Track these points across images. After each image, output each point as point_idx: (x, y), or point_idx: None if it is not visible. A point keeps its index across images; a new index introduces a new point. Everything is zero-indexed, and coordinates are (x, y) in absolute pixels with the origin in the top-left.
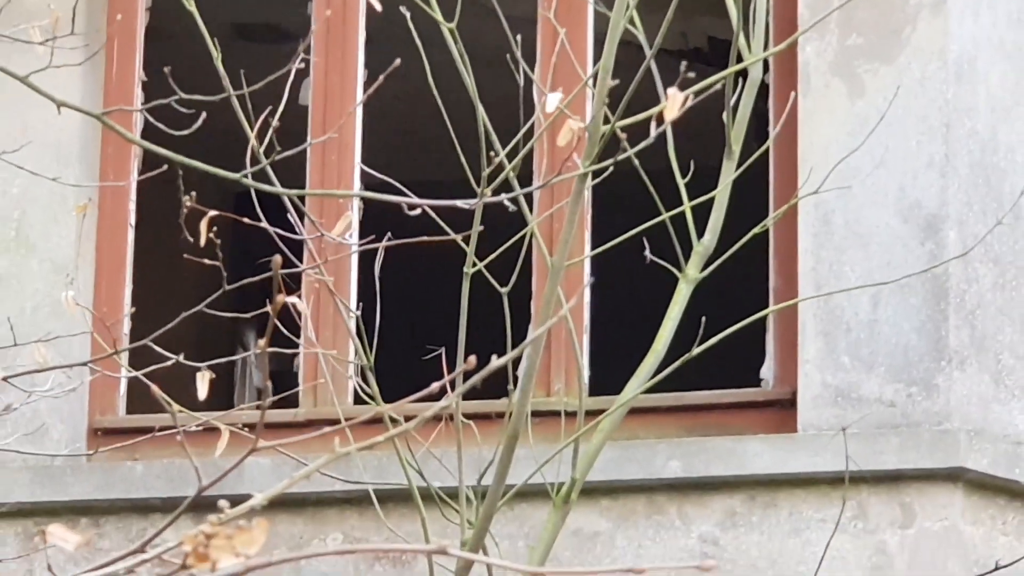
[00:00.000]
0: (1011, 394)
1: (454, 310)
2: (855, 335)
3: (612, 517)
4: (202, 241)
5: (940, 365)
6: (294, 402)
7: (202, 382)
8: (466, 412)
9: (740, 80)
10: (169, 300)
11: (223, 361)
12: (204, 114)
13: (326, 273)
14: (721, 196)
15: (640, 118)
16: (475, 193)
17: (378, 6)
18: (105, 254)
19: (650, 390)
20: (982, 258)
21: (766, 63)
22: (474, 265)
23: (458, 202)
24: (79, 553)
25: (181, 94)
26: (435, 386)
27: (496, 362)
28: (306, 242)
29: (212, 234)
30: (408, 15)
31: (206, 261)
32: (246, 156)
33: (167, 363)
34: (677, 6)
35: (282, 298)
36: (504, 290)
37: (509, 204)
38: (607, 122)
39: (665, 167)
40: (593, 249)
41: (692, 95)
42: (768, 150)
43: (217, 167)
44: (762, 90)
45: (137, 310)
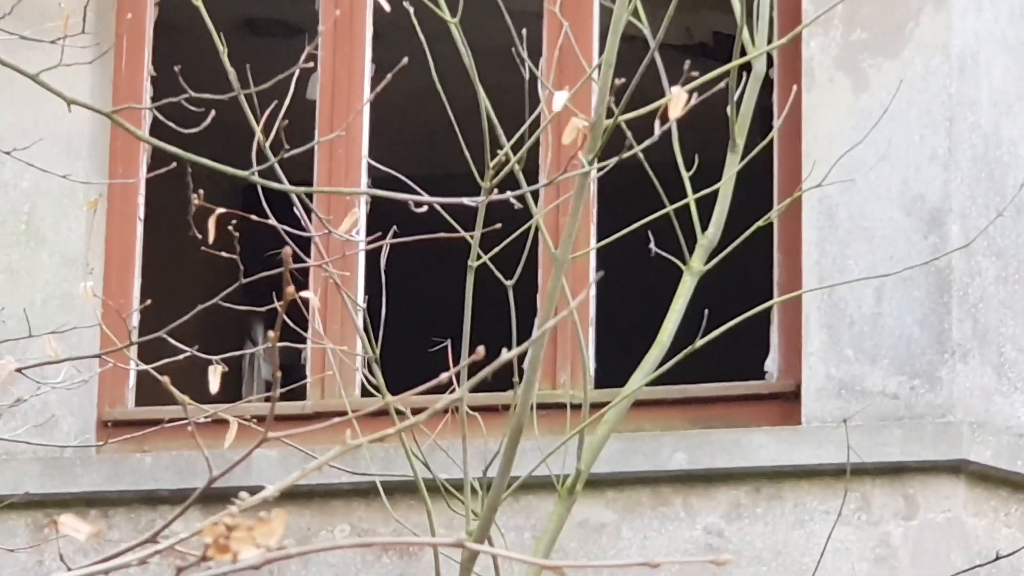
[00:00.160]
0: (1013, 386)
1: (460, 303)
2: (859, 328)
3: (618, 508)
4: (210, 239)
5: (943, 358)
6: (301, 395)
7: (214, 375)
8: (472, 404)
9: (744, 74)
10: (175, 294)
11: (234, 355)
12: (213, 112)
13: (333, 268)
14: (725, 189)
15: (642, 112)
16: (481, 187)
17: (387, 6)
18: (114, 248)
19: (655, 382)
20: (985, 251)
21: (770, 58)
22: (479, 258)
23: (464, 200)
24: (88, 544)
25: (190, 92)
26: (443, 377)
27: (505, 356)
28: (314, 239)
29: (230, 227)
30: (412, 10)
31: (223, 254)
32: (254, 150)
33: (180, 356)
34: (682, 1)
35: (292, 291)
36: (509, 283)
37: (515, 202)
38: (610, 116)
39: (670, 160)
40: (599, 242)
41: (696, 94)
42: (772, 144)
43: (226, 158)
44: (767, 85)
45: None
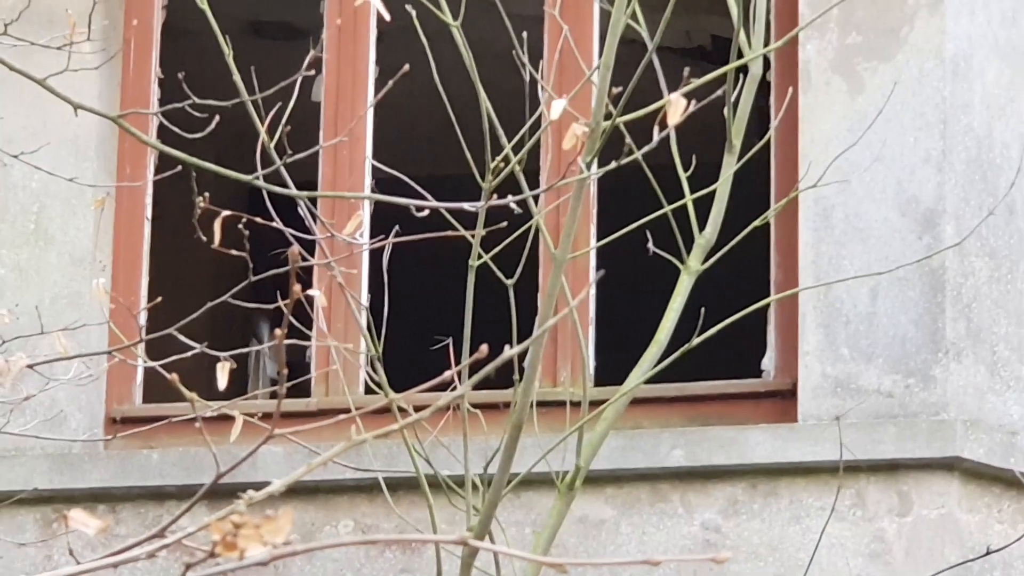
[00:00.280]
0: (1006, 385)
1: (461, 302)
2: (854, 327)
3: (617, 505)
4: (215, 242)
5: (937, 357)
6: (306, 391)
7: (222, 372)
8: (473, 402)
9: (741, 76)
10: (182, 291)
11: (239, 352)
12: (218, 117)
13: (337, 268)
14: (722, 190)
15: (640, 114)
16: (482, 188)
17: (386, 15)
18: (122, 247)
19: (654, 380)
20: (978, 252)
21: (767, 61)
22: (479, 258)
23: (464, 205)
24: (96, 539)
25: (195, 98)
26: (447, 374)
27: (505, 354)
28: (318, 241)
29: (240, 226)
30: (414, 13)
31: (233, 252)
32: (259, 153)
33: (188, 353)
34: (681, 5)
35: (298, 290)
36: (510, 282)
37: (515, 206)
38: (608, 118)
39: (668, 161)
40: (598, 242)
41: (694, 102)
42: (769, 145)
43: (231, 159)
44: (763, 87)
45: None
